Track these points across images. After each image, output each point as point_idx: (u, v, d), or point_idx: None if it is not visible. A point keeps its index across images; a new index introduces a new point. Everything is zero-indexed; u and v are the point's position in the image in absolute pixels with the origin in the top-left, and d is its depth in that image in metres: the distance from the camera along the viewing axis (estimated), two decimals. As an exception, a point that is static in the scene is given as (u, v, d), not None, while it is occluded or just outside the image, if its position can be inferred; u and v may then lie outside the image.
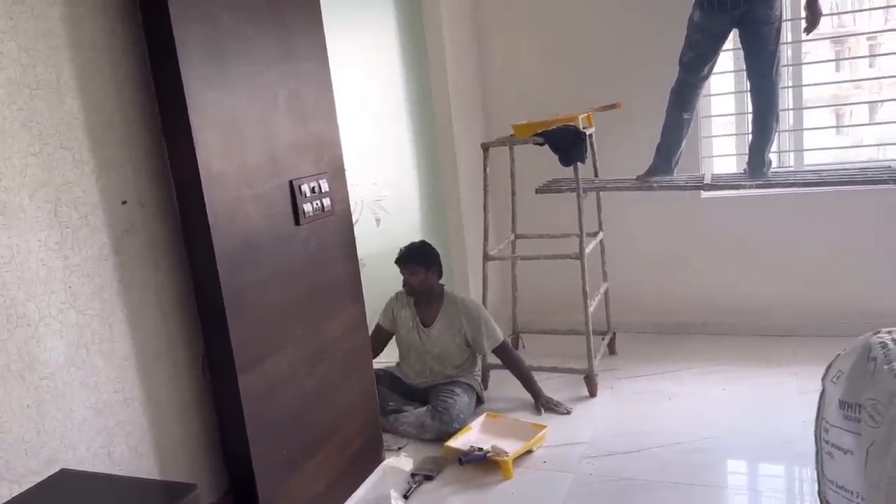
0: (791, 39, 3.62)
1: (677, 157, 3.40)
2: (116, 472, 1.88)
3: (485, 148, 3.48)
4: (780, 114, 3.28)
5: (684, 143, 3.39)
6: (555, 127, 3.27)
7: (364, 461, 2.76)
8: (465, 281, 3.89)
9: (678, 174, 3.46)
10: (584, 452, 2.87)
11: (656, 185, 3.38)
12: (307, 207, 2.38)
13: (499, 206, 3.91)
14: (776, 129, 3.28)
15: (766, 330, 3.84)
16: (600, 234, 3.71)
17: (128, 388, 1.93)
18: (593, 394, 3.35)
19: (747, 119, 3.60)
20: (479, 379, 3.43)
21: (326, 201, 2.48)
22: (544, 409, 3.24)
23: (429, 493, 2.70)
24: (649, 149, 3.43)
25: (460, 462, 2.82)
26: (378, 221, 3.96)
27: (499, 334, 3.31)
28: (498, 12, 4.07)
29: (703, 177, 3.56)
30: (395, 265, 3.31)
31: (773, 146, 3.36)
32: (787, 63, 3.63)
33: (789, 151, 3.84)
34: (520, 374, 3.33)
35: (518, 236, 3.78)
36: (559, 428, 3.07)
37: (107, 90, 1.89)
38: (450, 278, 3.44)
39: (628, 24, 3.79)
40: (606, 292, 3.78)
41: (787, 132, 3.78)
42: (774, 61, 3.12)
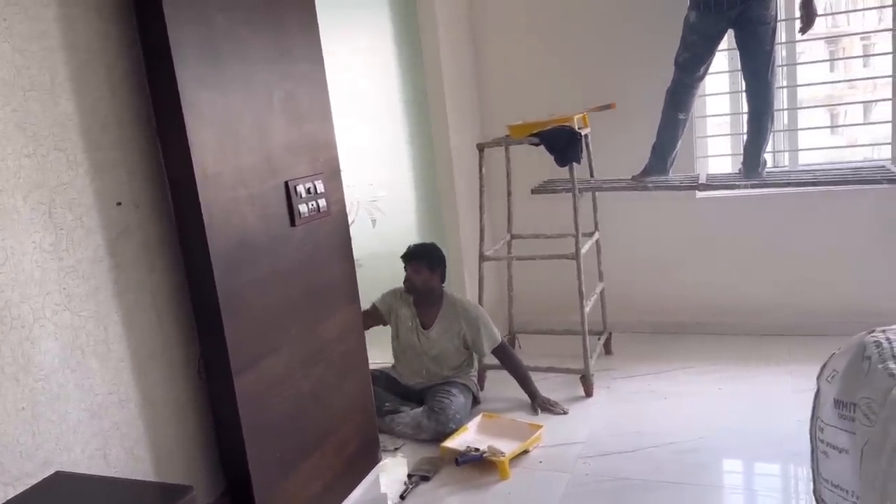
0: (786, 39, 3.63)
1: (673, 157, 3.41)
2: (112, 474, 1.87)
3: (480, 148, 3.48)
4: (774, 114, 3.29)
5: (680, 144, 3.39)
6: (550, 127, 3.28)
7: (360, 462, 2.76)
8: (461, 281, 3.89)
9: (673, 174, 3.47)
10: (580, 452, 2.88)
11: (652, 185, 3.39)
12: (303, 208, 2.37)
13: (495, 207, 3.91)
14: (771, 130, 3.28)
15: (762, 329, 3.85)
16: (596, 235, 3.72)
17: (123, 389, 1.93)
18: (589, 394, 3.35)
19: (742, 119, 3.61)
20: (475, 379, 3.43)
21: (322, 202, 2.48)
22: (541, 410, 3.24)
23: (425, 493, 2.70)
24: (645, 149, 3.43)
25: (457, 462, 2.82)
26: (374, 222, 3.96)
27: (497, 335, 3.31)
28: (493, 13, 4.07)
29: (698, 177, 3.56)
30: (401, 260, 3.31)
31: (768, 146, 3.37)
32: (782, 63, 3.63)
33: (784, 151, 3.85)
34: (517, 374, 3.33)
35: (514, 237, 3.78)
36: (555, 428, 3.07)
37: (101, 91, 1.88)
38: (446, 279, 3.44)
39: (624, 24, 3.79)
40: (602, 292, 3.79)
41: (781, 132, 3.79)
42: (770, 62, 3.13)
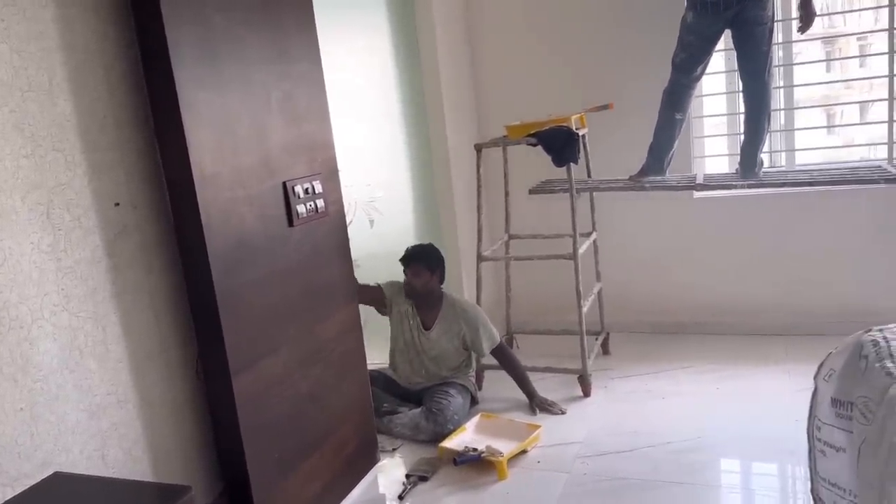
0: (782, 40, 3.64)
1: (670, 157, 3.41)
2: (110, 474, 1.87)
3: (478, 149, 3.48)
4: (771, 114, 3.30)
5: (676, 144, 3.40)
6: (548, 127, 3.29)
7: (359, 463, 2.76)
8: (458, 282, 3.89)
9: (670, 174, 3.48)
10: (578, 452, 2.88)
11: (649, 185, 3.40)
12: (301, 209, 2.37)
13: (492, 207, 3.92)
14: (768, 130, 3.29)
15: (759, 329, 3.86)
16: (594, 235, 3.72)
17: (121, 390, 1.93)
18: (587, 394, 3.36)
19: (739, 119, 3.62)
20: (473, 380, 3.43)
21: (320, 202, 2.48)
22: (539, 410, 3.25)
23: (423, 493, 2.71)
24: (642, 149, 3.44)
25: (455, 463, 2.82)
26: (372, 222, 3.96)
27: (496, 335, 3.32)
28: (490, 13, 4.07)
29: (695, 177, 3.57)
30: (400, 263, 3.30)
31: (765, 146, 3.38)
32: (779, 63, 3.64)
33: (781, 151, 3.86)
34: (515, 374, 3.33)
35: (512, 237, 3.78)
36: (553, 428, 3.07)
37: (99, 92, 1.88)
38: (444, 279, 3.44)
39: (621, 24, 3.80)
40: (600, 292, 3.79)
41: (778, 132, 3.80)
42: (767, 62, 3.14)
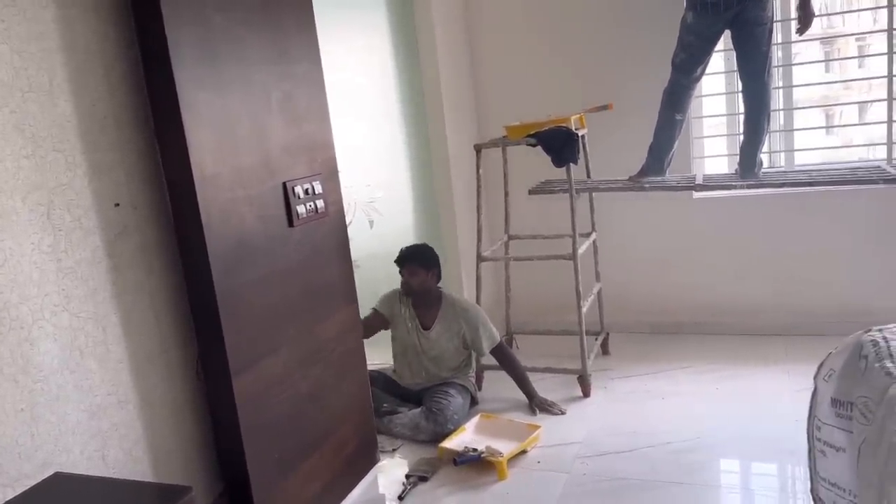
0: (782, 40, 3.64)
1: (669, 157, 3.41)
2: (111, 475, 1.87)
3: (477, 149, 3.49)
4: (771, 114, 3.30)
5: (676, 144, 3.40)
6: (547, 128, 3.29)
7: (359, 463, 2.76)
8: (458, 282, 3.90)
9: (670, 175, 3.48)
10: (578, 452, 2.88)
11: (648, 185, 3.40)
12: (301, 209, 2.37)
13: (492, 208, 3.92)
14: (767, 130, 3.30)
15: (759, 329, 3.86)
16: (593, 235, 3.72)
17: (122, 390, 1.93)
18: (587, 394, 3.36)
19: (739, 120, 3.62)
20: (473, 380, 3.43)
21: (320, 203, 2.48)
22: (539, 410, 3.25)
23: (423, 494, 2.71)
24: (641, 149, 3.44)
25: (455, 463, 2.82)
26: (371, 223, 3.96)
27: (496, 335, 3.32)
28: (490, 13, 4.07)
29: (694, 177, 3.57)
30: (395, 265, 3.30)
31: (765, 147, 3.39)
32: (778, 64, 3.65)
33: (780, 152, 3.86)
34: (515, 374, 3.34)
35: (511, 237, 3.78)
36: (553, 428, 3.08)
37: (100, 93, 1.88)
38: (443, 279, 3.44)
39: (620, 25, 3.80)
40: (599, 293, 3.80)
41: (777, 133, 3.81)
42: (766, 62, 3.14)
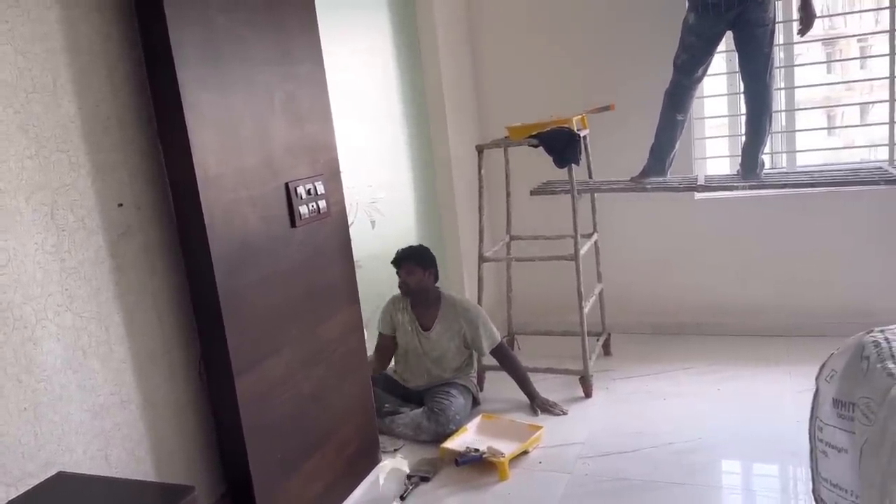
0: (783, 41, 3.64)
1: (671, 158, 3.42)
2: (113, 474, 1.87)
3: (479, 150, 3.49)
4: (772, 115, 3.30)
5: (678, 145, 3.40)
6: (549, 129, 3.29)
7: (361, 463, 2.76)
8: (460, 282, 3.90)
9: (672, 175, 3.48)
10: (579, 453, 2.88)
11: (650, 186, 3.40)
12: (303, 209, 2.38)
13: (493, 208, 3.92)
14: (769, 131, 3.29)
15: (760, 330, 3.86)
16: (595, 236, 3.73)
17: (125, 390, 1.93)
18: (588, 394, 3.36)
19: (740, 121, 3.62)
20: (474, 380, 3.43)
21: (322, 203, 2.48)
22: (540, 410, 3.25)
23: (425, 494, 2.71)
24: (643, 150, 3.44)
25: (456, 463, 2.82)
26: (373, 223, 3.95)
27: (497, 335, 3.32)
28: (491, 14, 4.08)
29: (696, 178, 3.57)
30: (392, 266, 3.30)
31: (766, 147, 3.38)
32: (780, 65, 3.65)
33: (782, 153, 3.86)
34: (516, 374, 3.34)
35: (513, 238, 3.78)
36: (555, 429, 3.08)
37: (103, 93, 1.89)
38: (445, 280, 3.45)
39: (622, 25, 3.81)
40: (601, 293, 3.80)
41: (779, 133, 3.81)
42: (768, 63, 3.14)
